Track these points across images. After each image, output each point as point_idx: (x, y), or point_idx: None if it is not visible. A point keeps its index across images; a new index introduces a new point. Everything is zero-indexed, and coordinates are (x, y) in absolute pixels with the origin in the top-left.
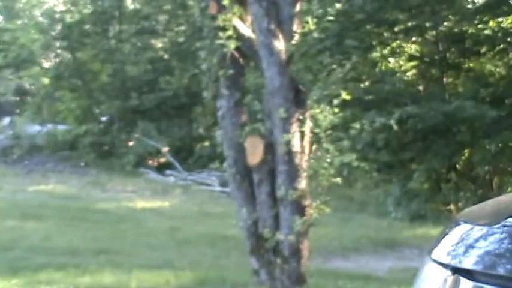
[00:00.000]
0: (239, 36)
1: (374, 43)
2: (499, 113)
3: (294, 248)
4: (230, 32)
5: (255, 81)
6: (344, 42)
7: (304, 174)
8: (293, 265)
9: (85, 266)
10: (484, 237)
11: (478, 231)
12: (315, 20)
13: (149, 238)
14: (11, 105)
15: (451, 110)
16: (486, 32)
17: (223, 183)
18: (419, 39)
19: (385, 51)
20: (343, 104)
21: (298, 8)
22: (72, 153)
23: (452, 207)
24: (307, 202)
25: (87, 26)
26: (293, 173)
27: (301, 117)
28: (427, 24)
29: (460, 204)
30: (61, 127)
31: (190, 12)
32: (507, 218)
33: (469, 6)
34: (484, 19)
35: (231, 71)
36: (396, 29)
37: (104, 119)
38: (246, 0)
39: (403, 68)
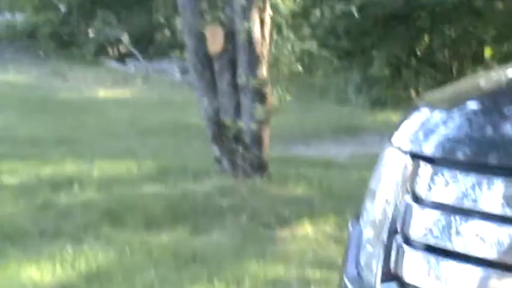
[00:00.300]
0: None
1: None
2: None
3: (256, 136)
4: None
5: None
6: None
7: (265, 61)
8: (255, 152)
9: (47, 155)
10: (444, 122)
11: (438, 116)
12: None
13: (110, 127)
14: None
15: None
16: None
17: (184, 72)
18: None
19: None
20: None
21: None
22: (31, 43)
23: (412, 92)
24: (268, 90)
25: None
26: (254, 61)
27: (261, 5)
28: None
29: (420, 89)
30: (19, 16)
31: None
32: (467, 102)
33: None
34: None
35: None
36: None
37: (62, 8)
38: None
39: None
